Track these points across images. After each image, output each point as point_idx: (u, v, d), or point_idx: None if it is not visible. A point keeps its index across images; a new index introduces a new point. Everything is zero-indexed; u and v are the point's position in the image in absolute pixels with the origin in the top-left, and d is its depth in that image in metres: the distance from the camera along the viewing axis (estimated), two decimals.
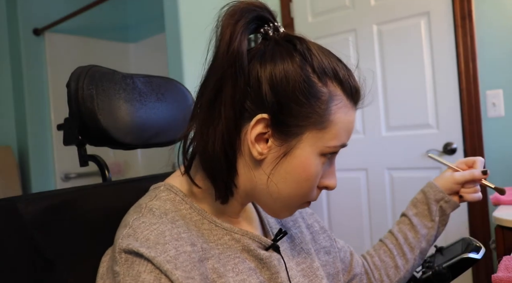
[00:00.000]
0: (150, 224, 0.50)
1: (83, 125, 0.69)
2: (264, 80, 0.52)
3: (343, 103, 0.55)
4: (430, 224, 0.81)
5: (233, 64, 0.51)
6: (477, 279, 1.88)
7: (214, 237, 0.56)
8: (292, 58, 0.53)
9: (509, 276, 0.72)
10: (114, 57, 3.11)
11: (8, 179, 2.47)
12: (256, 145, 0.53)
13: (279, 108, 0.52)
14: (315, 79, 0.53)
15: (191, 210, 0.56)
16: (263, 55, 0.54)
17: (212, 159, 0.54)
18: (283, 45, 0.55)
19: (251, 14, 0.53)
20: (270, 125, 0.53)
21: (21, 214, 0.56)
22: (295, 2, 2.42)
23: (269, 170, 0.54)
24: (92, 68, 0.69)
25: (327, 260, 0.73)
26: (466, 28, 1.87)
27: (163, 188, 0.58)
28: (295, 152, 0.54)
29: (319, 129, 0.53)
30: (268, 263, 0.58)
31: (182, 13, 1.95)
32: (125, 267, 0.47)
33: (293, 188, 0.55)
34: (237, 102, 0.52)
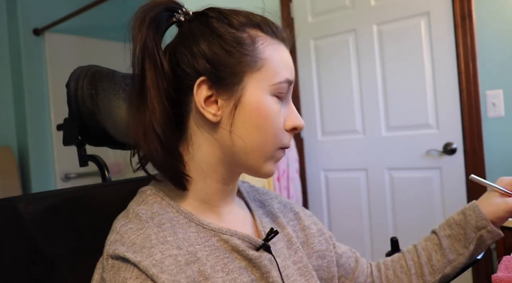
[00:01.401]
0: (136, 229, 0.51)
1: (83, 125, 0.69)
2: (191, 55, 0.56)
3: (268, 41, 0.58)
4: (462, 251, 0.72)
5: (146, 55, 0.55)
6: (477, 279, 1.88)
7: (201, 239, 0.56)
8: (209, 25, 0.57)
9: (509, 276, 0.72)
10: (114, 57, 3.09)
11: (8, 179, 2.47)
12: (207, 108, 0.56)
13: (212, 66, 0.55)
14: (233, 31, 0.57)
15: (178, 214, 0.57)
16: (181, 37, 0.59)
17: (150, 150, 0.55)
18: (197, 19, 0.59)
19: (156, 8, 0.58)
20: (212, 85, 0.56)
21: (21, 214, 0.56)
22: (295, 2, 2.42)
23: (228, 127, 0.56)
24: (92, 68, 0.69)
25: (320, 265, 0.71)
26: (466, 28, 1.87)
27: (149, 192, 0.59)
28: (243, 99, 0.56)
29: (255, 70, 0.56)
30: (258, 263, 0.58)
31: None
32: (111, 273, 0.48)
33: (257, 135, 0.57)
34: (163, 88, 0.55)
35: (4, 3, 2.66)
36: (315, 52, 2.36)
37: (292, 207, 0.75)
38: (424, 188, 2.03)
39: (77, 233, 0.61)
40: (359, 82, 2.19)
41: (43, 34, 2.70)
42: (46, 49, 2.72)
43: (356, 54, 2.20)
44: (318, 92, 2.36)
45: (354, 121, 2.23)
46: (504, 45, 1.82)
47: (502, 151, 1.83)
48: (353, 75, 2.21)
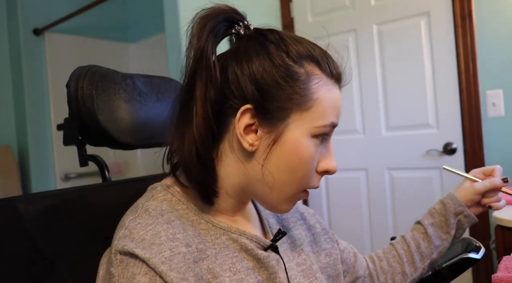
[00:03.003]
0: (146, 225, 0.50)
1: (83, 125, 0.69)
2: (241, 76, 0.54)
3: (323, 81, 0.55)
4: (445, 236, 0.79)
5: (202, 65, 0.53)
6: (477, 279, 1.87)
7: (211, 237, 0.56)
8: (266, 49, 0.55)
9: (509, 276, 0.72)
10: (114, 57, 3.11)
11: (8, 179, 2.47)
12: (245, 137, 0.54)
13: (261, 95, 0.53)
14: (290, 63, 0.54)
15: (188, 210, 0.57)
16: (236, 52, 0.56)
17: (187, 162, 0.55)
18: (255, 38, 0.56)
19: (219, 16, 0.56)
20: (256, 115, 0.54)
21: (21, 214, 0.56)
22: (295, 2, 2.42)
23: (262, 159, 0.55)
24: (92, 68, 0.69)
25: (327, 262, 0.72)
26: (466, 28, 1.87)
27: (160, 188, 0.58)
28: (284, 137, 0.54)
29: (303, 109, 0.54)
30: (266, 263, 0.58)
31: (182, 13, 1.95)
32: (120, 268, 0.47)
33: (288, 174, 0.55)
34: (210, 102, 0.53)
35: (4, 3, 2.66)
36: None
37: (297, 207, 0.76)
38: (424, 188, 2.03)
39: (77, 233, 0.61)
40: (359, 82, 2.19)
41: (43, 34, 2.70)
42: (46, 49, 2.72)
43: (356, 54, 2.20)
44: None
45: (354, 121, 2.23)
46: (504, 45, 1.82)
47: (502, 151, 1.83)
48: (353, 75, 2.21)
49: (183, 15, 1.96)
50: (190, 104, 0.54)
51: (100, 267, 0.54)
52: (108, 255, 0.52)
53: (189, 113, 0.54)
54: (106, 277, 0.50)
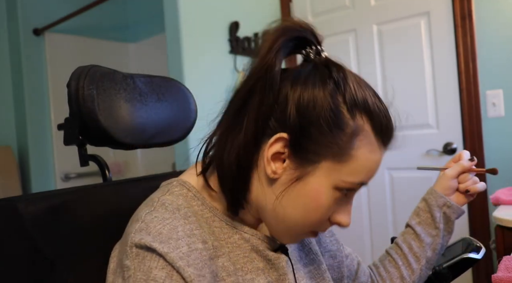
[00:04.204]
0: (162, 219, 0.50)
1: (83, 125, 0.68)
2: (291, 101, 0.51)
3: (369, 140, 0.53)
4: (434, 232, 0.78)
5: (264, 78, 0.51)
6: (477, 279, 1.88)
7: (224, 235, 0.56)
8: (324, 84, 0.52)
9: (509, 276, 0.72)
10: (114, 57, 3.11)
11: (8, 179, 2.47)
12: (271, 163, 0.52)
13: (301, 131, 0.51)
14: (343, 110, 0.51)
15: (203, 207, 0.56)
16: (297, 76, 0.53)
17: (225, 169, 0.54)
18: (319, 69, 0.54)
19: (293, 33, 0.53)
20: (289, 146, 0.52)
21: (21, 214, 0.56)
22: (295, 2, 2.42)
23: (279, 191, 0.53)
24: (92, 68, 0.69)
25: (331, 264, 0.72)
26: (466, 28, 1.87)
27: (176, 183, 0.58)
28: (309, 179, 0.52)
29: (337, 161, 0.51)
30: (277, 265, 0.57)
31: (182, 13, 1.95)
32: (136, 261, 0.47)
33: (300, 215, 0.54)
34: (261, 117, 0.52)
35: (4, 3, 2.66)
36: None
37: None
38: (424, 188, 2.01)
39: (77, 233, 0.61)
40: None
41: (43, 34, 2.70)
42: (46, 49, 2.72)
43: (356, 54, 2.20)
44: None
45: None
46: (504, 45, 1.82)
47: (502, 151, 1.83)
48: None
49: (183, 15, 1.96)
50: (241, 113, 0.53)
51: (111, 260, 0.54)
52: (120, 248, 0.51)
53: (237, 121, 0.53)
54: (118, 269, 0.49)
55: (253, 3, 2.34)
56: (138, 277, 0.46)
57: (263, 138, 0.53)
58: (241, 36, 2.22)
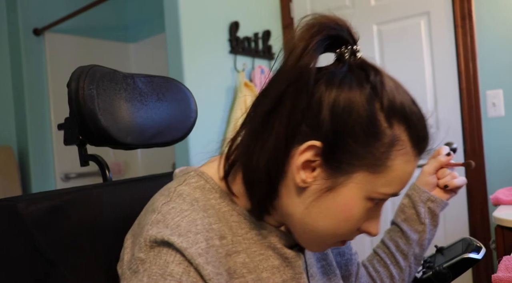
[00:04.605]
0: (181, 210, 0.48)
1: (83, 125, 0.68)
2: (325, 105, 0.47)
3: (406, 150, 0.49)
4: (420, 228, 0.77)
5: (299, 81, 0.47)
6: (477, 279, 1.88)
7: (241, 231, 0.53)
8: (361, 89, 0.48)
9: (509, 276, 0.72)
10: (114, 57, 3.11)
11: (8, 179, 2.47)
12: (301, 171, 0.49)
13: (334, 139, 0.47)
14: (380, 118, 0.48)
15: (221, 200, 0.53)
16: (331, 78, 0.49)
17: (254, 174, 0.50)
18: (356, 72, 0.50)
19: (329, 31, 0.49)
20: (321, 155, 0.48)
21: (21, 214, 0.56)
22: (295, 2, 2.42)
23: (309, 200, 0.50)
24: (92, 68, 0.69)
25: (338, 262, 0.71)
26: (466, 28, 1.87)
27: (193, 173, 0.54)
28: (341, 189, 0.49)
29: (372, 172, 0.48)
30: (293, 263, 0.55)
31: (182, 13, 1.95)
32: (151, 255, 0.45)
33: (330, 226, 0.51)
34: (292, 121, 0.48)
35: (4, 3, 2.66)
36: None
37: None
38: None
39: (77, 233, 0.61)
40: None
41: (43, 34, 2.70)
42: (46, 49, 2.72)
43: None
44: None
45: None
46: (504, 45, 1.82)
47: (502, 151, 1.83)
48: None
49: (183, 15, 1.96)
50: (271, 116, 0.49)
51: (124, 251, 0.51)
52: (133, 239, 0.50)
53: (267, 125, 0.49)
54: (133, 262, 0.46)
55: (253, 3, 2.34)
56: (154, 271, 0.43)
57: (293, 144, 0.49)
58: (241, 36, 2.22)
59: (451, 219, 1.89)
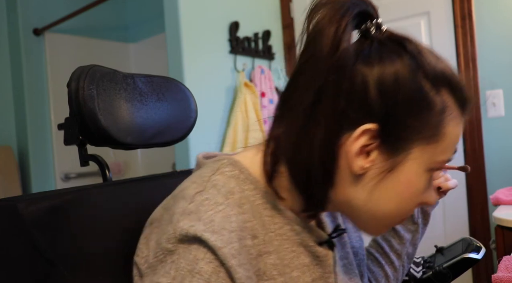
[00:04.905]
0: (215, 204, 0.45)
1: (83, 125, 0.68)
2: (371, 85, 0.45)
3: (454, 114, 0.49)
4: (413, 227, 0.76)
5: (338, 67, 0.45)
6: (477, 279, 1.88)
7: (274, 226, 0.50)
8: (402, 61, 0.46)
9: (509, 276, 0.72)
10: (114, 57, 3.11)
11: (8, 179, 2.47)
12: (358, 158, 0.47)
13: (388, 118, 0.46)
14: (427, 86, 0.46)
15: (255, 192, 0.50)
16: (368, 56, 0.47)
17: (306, 170, 0.48)
18: (389, 45, 0.48)
19: (356, 8, 0.46)
20: (377, 137, 0.46)
21: (21, 214, 0.56)
22: (295, 2, 2.42)
23: (370, 185, 0.48)
24: (92, 68, 0.69)
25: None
26: (466, 28, 1.87)
27: (226, 161, 0.51)
28: (401, 168, 0.48)
29: (429, 143, 0.48)
30: (324, 262, 0.53)
31: (182, 13, 1.95)
32: (181, 247, 0.42)
33: (395, 206, 0.50)
34: (338, 109, 0.46)
35: (4, 3, 2.66)
36: None
37: None
38: None
39: (78, 233, 0.61)
40: None
41: (43, 34, 2.70)
42: (46, 49, 2.72)
43: None
44: None
45: None
46: (504, 45, 1.82)
47: (502, 151, 1.83)
48: None
49: (183, 15, 1.96)
50: (314, 109, 0.46)
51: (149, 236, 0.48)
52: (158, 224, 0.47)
53: (311, 118, 0.46)
54: (159, 251, 0.44)
55: (253, 3, 2.34)
56: (182, 265, 0.41)
57: (342, 133, 0.47)
58: (241, 36, 2.22)
59: (451, 219, 1.89)
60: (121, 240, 0.60)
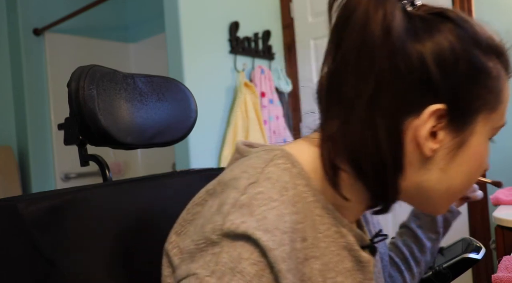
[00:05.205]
0: (269, 199, 0.41)
1: (83, 125, 0.69)
2: (430, 61, 0.43)
3: (505, 77, 0.48)
4: (434, 236, 0.76)
5: (394, 52, 0.42)
6: (477, 279, 1.88)
7: (323, 227, 0.47)
8: (451, 32, 0.45)
9: (509, 276, 0.72)
10: (114, 57, 3.11)
11: (8, 179, 2.47)
12: (427, 141, 0.45)
13: (454, 93, 0.44)
14: (480, 54, 0.45)
15: (307, 188, 0.46)
16: (415, 33, 0.44)
17: (375, 163, 0.45)
18: (432, 19, 0.46)
19: None
20: (445, 116, 0.45)
21: (21, 214, 0.56)
22: (295, 2, 2.42)
23: (440, 166, 0.47)
24: (92, 68, 0.69)
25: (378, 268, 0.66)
26: None
27: (279, 153, 0.47)
28: (469, 141, 0.47)
29: (491, 111, 0.47)
30: (367, 268, 0.51)
31: (182, 13, 1.95)
32: (226, 240, 0.39)
33: (466, 179, 0.49)
34: (400, 96, 0.44)
35: (4, 3, 2.66)
36: (315, 52, 2.35)
37: None
38: None
39: (78, 233, 0.61)
40: None
41: (43, 34, 2.70)
42: (46, 49, 2.72)
43: None
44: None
45: None
46: None
47: (502, 151, 1.83)
48: None
49: (183, 15, 1.96)
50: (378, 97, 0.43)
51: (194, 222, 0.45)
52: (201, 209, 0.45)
53: (375, 107, 0.43)
54: (201, 239, 0.41)
55: (253, 3, 2.35)
56: (224, 261, 0.38)
57: (405, 118, 0.45)
58: (241, 36, 2.22)
59: None
60: (121, 240, 0.60)
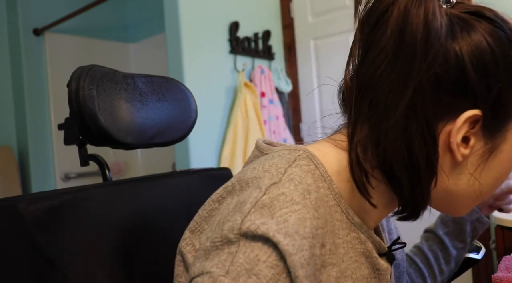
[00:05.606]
0: (291, 202, 0.40)
1: (83, 125, 0.69)
2: (467, 62, 0.41)
3: None
4: (461, 245, 0.74)
5: (435, 56, 0.40)
6: (477, 279, 1.88)
7: (342, 232, 0.45)
8: (489, 32, 0.43)
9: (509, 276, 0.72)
10: (114, 57, 3.11)
11: (8, 179, 2.47)
12: (460, 147, 0.43)
13: (492, 96, 0.42)
14: None
15: (328, 192, 0.45)
16: (453, 32, 0.42)
17: (409, 170, 0.43)
18: (468, 17, 0.44)
19: None
20: (478, 121, 0.43)
21: (21, 214, 0.56)
22: (295, 2, 2.42)
23: (471, 170, 0.45)
24: (93, 68, 0.69)
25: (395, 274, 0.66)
26: None
27: (303, 154, 0.45)
28: (501, 147, 0.45)
29: None
30: (383, 276, 0.49)
31: (182, 13, 1.95)
32: (243, 241, 0.38)
33: (493, 184, 0.48)
34: (436, 101, 0.42)
35: (4, 3, 2.66)
36: (315, 52, 2.35)
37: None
38: None
39: (78, 233, 0.61)
40: None
41: (43, 34, 2.70)
42: (46, 49, 2.72)
43: None
44: (318, 92, 2.36)
45: None
46: None
47: None
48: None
49: (183, 15, 1.96)
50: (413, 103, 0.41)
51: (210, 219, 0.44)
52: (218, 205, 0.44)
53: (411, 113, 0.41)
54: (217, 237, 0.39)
55: (253, 3, 2.35)
56: (240, 261, 0.37)
57: (438, 122, 0.43)
58: (241, 36, 2.22)
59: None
60: (121, 240, 0.60)
